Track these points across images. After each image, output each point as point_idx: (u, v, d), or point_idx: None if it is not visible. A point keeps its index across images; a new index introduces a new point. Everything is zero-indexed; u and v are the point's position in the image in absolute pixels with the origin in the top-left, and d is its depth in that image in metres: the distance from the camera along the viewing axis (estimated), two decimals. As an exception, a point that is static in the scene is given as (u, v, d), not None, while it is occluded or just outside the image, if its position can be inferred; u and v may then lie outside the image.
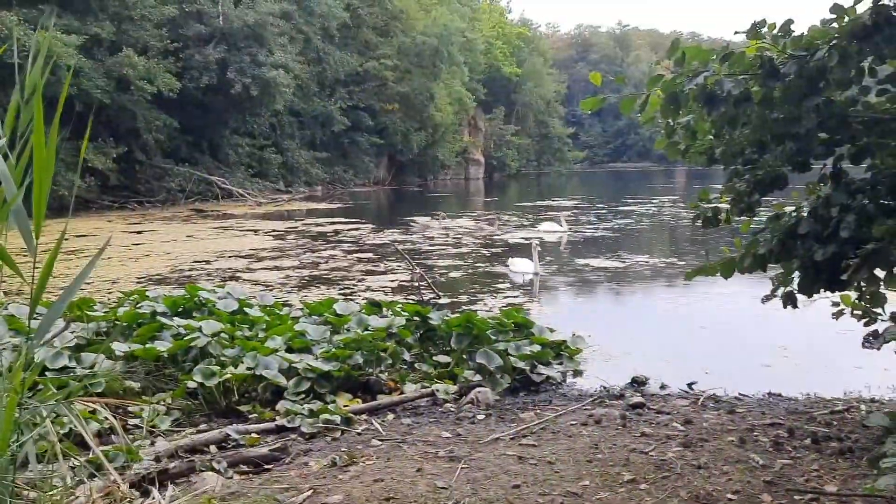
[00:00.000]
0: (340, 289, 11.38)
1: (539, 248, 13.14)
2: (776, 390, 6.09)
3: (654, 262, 14.18)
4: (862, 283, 4.14)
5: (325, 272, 13.18)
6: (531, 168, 71.45)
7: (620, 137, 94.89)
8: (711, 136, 4.33)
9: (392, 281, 12.06)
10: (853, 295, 4.40)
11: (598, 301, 11.13)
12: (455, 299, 10.46)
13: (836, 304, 4.50)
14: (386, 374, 6.07)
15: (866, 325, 4.36)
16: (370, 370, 5.95)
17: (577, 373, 6.69)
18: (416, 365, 6.37)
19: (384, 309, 7.49)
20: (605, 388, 6.15)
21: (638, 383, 6.33)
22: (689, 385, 6.28)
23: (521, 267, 12.76)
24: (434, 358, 6.48)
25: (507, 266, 13.09)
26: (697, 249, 15.94)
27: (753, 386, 6.20)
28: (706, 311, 9.87)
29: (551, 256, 14.82)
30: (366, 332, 6.25)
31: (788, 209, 4.41)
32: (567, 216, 19.67)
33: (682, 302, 10.57)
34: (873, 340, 4.24)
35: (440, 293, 10.55)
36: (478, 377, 6.00)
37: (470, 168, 60.17)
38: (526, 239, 17.96)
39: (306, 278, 12.53)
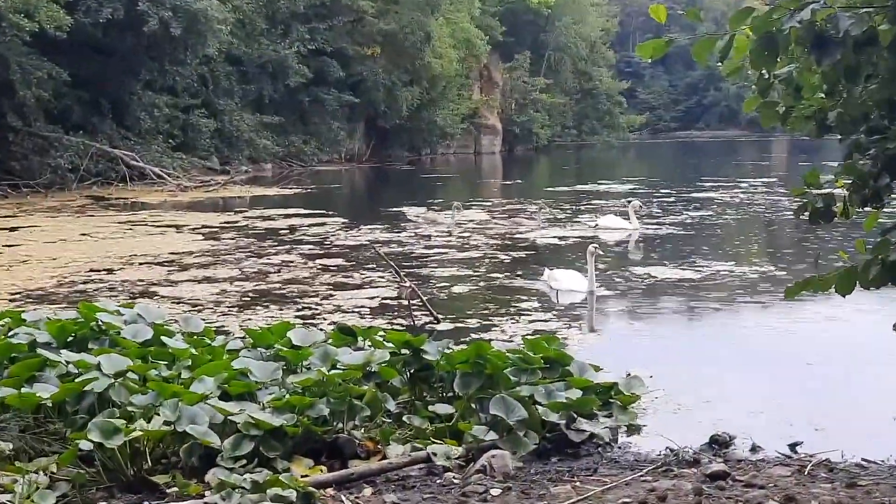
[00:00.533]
0: (298, 309, 11.41)
1: (599, 252, 12.77)
2: (915, 454, 6.08)
3: (743, 272, 14.18)
4: None
5: (277, 286, 13.19)
6: (568, 138, 71.51)
7: (695, 95, 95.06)
8: (822, 95, 4.33)
9: (371, 298, 12.07)
10: None
11: (664, 327, 11.12)
12: (460, 324, 10.50)
13: None
14: (362, 430, 6.06)
15: None
16: (339, 425, 5.95)
17: (633, 429, 6.70)
18: (404, 417, 6.37)
19: (360, 339, 7.50)
20: (672, 450, 6.14)
21: (719, 444, 6.32)
22: (792, 447, 6.29)
23: (568, 282, 12.44)
24: (430, 408, 6.47)
25: (545, 280, 12.87)
26: (803, 254, 15.92)
27: (883, 448, 6.18)
28: (815, 342, 9.87)
29: (607, 262, 14.76)
30: (334, 372, 6.24)
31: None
32: (637, 208, 19.42)
33: (780, 328, 10.56)
34: None
35: (439, 316, 10.57)
36: (492, 435, 6.00)
37: (482, 138, 60.21)
38: (561, 239, 17.97)
39: (250, 294, 12.54)
